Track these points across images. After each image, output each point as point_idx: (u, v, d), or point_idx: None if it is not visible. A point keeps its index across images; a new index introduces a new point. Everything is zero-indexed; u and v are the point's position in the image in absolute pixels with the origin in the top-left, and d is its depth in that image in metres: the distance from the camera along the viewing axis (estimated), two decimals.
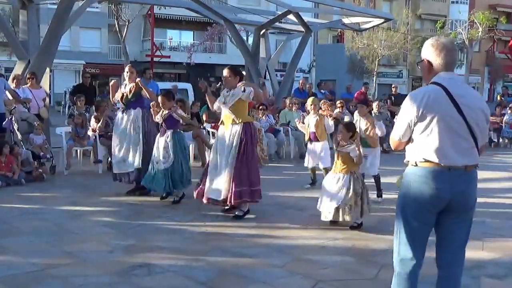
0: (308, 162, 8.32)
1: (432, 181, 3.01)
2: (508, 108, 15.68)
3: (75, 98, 11.37)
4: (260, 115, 12.09)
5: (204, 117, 11.28)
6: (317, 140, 8.18)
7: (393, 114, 13.65)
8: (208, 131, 9.97)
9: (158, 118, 7.14)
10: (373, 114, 13.69)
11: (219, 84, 9.06)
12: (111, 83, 7.85)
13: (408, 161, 3.14)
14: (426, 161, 3.03)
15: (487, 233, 5.77)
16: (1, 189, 7.78)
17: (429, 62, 3.11)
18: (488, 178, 9.77)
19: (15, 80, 10.19)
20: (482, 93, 49.01)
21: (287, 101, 13.26)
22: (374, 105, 14.08)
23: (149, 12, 35.20)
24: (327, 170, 7.78)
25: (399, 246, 3.15)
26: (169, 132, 6.97)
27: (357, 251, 5.16)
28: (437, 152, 3.00)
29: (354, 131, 6.07)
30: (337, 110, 12.57)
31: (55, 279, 4.24)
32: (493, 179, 9.73)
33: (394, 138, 3.18)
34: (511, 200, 7.85)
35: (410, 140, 3.13)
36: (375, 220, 6.33)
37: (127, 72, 7.57)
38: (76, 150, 9.89)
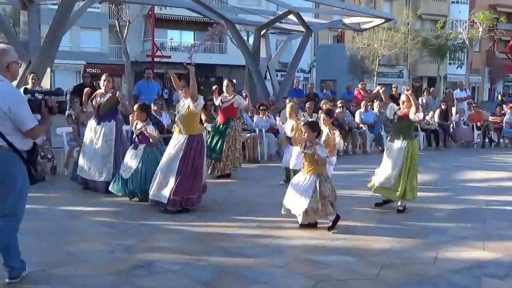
0: (283, 161, 8.72)
1: None
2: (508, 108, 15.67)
3: (70, 100, 11.32)
4: (260, 116, 12.11)
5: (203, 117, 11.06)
6: (292, 144, 8.25)
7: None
8: (208, 131, 9.97)
9: (133, 127, 7.27)
10: (374, 114, 13.84)
11: (215, 87, 9.18)
12: (85, 91, 7.85)
13: None
14: None
15: (487, 233, 5.73)
16: None
17: None
18: (489, 178, 9.80)
19: (32, 80, 10.06)
20: (483, 93, 48.97)
21: (287, 101, 13.25)
22: (375, 105, 14.15)
23: (150, 12, 35.24)
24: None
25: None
26: (141, 146, 7.09)
27: (357, 251, 5.15)
28: None
29: (320, 130, 6.02)
30: (337, 110, 12.60)
31: (56, 279, 4.24)
32: (493, 178, 9.74)
33: None
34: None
35: None
36: (375, 220, 6.34)
37: (104, 81, 7.67)
38: (77, 150, 9.86)
